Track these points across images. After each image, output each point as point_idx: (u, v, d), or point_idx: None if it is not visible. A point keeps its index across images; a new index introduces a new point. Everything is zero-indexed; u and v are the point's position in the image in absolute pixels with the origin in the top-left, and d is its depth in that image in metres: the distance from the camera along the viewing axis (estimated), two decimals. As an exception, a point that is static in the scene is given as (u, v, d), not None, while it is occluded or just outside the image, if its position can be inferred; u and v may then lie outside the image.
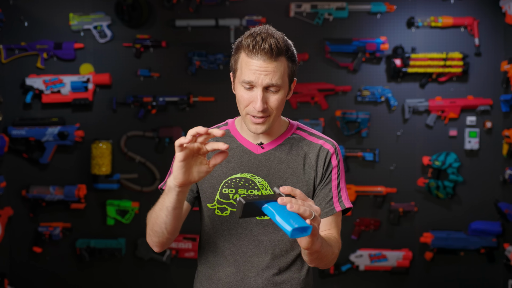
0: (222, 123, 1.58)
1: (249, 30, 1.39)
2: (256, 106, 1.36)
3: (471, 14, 3.48)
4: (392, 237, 3.60)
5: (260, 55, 1.33)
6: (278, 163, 1.47)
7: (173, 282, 3.65)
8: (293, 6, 3.52)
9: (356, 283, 3.63)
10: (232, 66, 1.43)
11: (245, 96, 1.39)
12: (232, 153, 1.49)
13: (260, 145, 1.49)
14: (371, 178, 3.58)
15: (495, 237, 3.47)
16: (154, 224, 1.38)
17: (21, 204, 3.63)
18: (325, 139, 1.52)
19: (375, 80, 3.55)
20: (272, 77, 1.35)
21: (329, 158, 1.49)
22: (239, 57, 1.39)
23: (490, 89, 3.51)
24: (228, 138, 1.52)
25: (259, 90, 1.36)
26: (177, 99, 3.56)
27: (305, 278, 1.52)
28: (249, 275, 1.47)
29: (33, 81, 3.54)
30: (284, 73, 1.38)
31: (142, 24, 3.58)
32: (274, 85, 1.36)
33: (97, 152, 3.53)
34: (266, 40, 1.33)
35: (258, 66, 1.34)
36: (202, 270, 1.54)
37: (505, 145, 3.43)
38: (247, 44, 1.35)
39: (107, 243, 3.61)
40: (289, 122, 1.55)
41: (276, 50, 1.33)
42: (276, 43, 1.34)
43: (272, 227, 1.46)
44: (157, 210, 1.35)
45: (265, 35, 1.34)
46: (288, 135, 1.51)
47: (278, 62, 1.35)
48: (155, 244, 1.43)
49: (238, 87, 1.41)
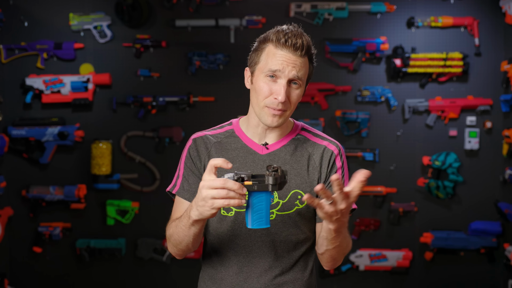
0: (226, 123, 1.57)
1: (275, 27, 1.42)
2: (280, 97, 1.37)
3: (471, 14, 3.48)
4: (392, 237, 3.60)
5: (290, 48, 1.37)
6: (282, 164, 1.47)
7: (173, 282, 3.65)
8: (293, 6, 3.52)
9: (356, 283, 3.63)
10: (253, 60, 1.44)
11: (266, 88, 1.40)
12: (237, 154, 1.49)
13: (265, 146, 1.49)
14: (371, 178, 3.52)
15: (495, 237, 3.47)
16: (178, 244, 1.42)
17: (21, 204, 3.63)
18: (329, 140, 1.52)
19: (375, 80, 3.55)
20: (299, 71, 1.38)
21: (333, 160, 1.49)
22: (264, 48, 1.41)
23: (490, 89, 3.51)
24: (232, 138, 1.52)
25: (283, 81, 1.38)
26: (177, 99, 3.56)
27: (308, 278, 1.51)
28: (252, 276, 1.46)
29: (33, 81, 3.54)
30: (306, 71, 1.42)
31: (142, 24, 3.58)
32: (298, 79, 1.39)
33: (97, 152, 3.53)
34: (298, 37, 1.37)
35: (287, 58, 1.37)
36: (206, 270, 1.55)
37: (505, 145, 3.43)
38: (277, 37, 1.38)
39: (107, 243, 3.61)
40: (294, 122, 1.56)
41: (306, 48, 1.38)
42: (307, 41, 1.39)
43: (275, 227, 1.45)
44: (181, 234, 1.37)
45: (296, 32, 1.39)
46: (293, 135, 1.51)
47: (304, 59, 1.39)
48: (179, 256, 1.49)
49: (260, 78, 1.41)
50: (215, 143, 1.51)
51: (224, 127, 1.55)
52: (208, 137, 1.52)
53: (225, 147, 1.50)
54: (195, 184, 1.48)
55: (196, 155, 1.50)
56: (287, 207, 1.45)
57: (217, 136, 1.53)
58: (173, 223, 1.44)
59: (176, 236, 1.40)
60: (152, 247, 3.59)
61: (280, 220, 1.45)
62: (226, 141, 1.51)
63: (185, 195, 1.48)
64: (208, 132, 1.55)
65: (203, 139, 1.52)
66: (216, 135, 1.53)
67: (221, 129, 1.55)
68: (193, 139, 1.53)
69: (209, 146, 1.50)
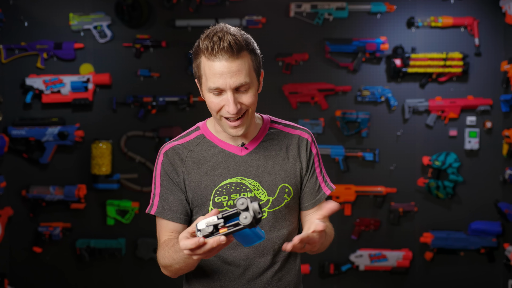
0: (193, 128, 1.52)
1: (204, 32, 1.34)
2: (230, 109, 1.32)
3: (471, 14, 3.48)
4: (392, 237, 3.60)
5: (221, 56, 1.28)
6: (264, 160, 1.46)
7: (173, 282, 3.64)
8: (293, 6, 3.52)
9: (356, 283, 3.63)
10: (196, 73, 1.38)
11: (215, 101, 1.35)
12: (216, 160, 1.44)
13: (243, 146, 1.46)
14: (371, 178, 3.58)
15: (495, 237, 3.47)
16: (173, 271, 1.38)
17: (21, 204, 3.63)
18: (300, 128, 1.53)
19: (375, 80, 3.55)
20: (239, 77, 1.31)
21: (309, 147, 1.51)
22: (200, 62, 1.34)
23: (490, 89, 3.51)
24: (205, 144, 1.47)
25: (229, 93, 1.32)
26: (177, 99, 3.56)
27: (299, 266, 1.55)
28: (254, 277, 1.46)
29: (33, 81, 3.54)
30: (249, 68, 1.33)
31: (142, 24, 3.58)
32: (243, 84, 1.32)
33: (97, 152, 3.53)
34: (224, 39, 1.28)
35: (222, 68, 1.29)
36: (200, 281, 1.50)
37: (505, 145, 3.43)
38: (205, 47, 1.30)
39: (107, 243, 3.61)
40: (262, 117, 1.53)
41: (236, 47, 1.29)
42: (234, 39, 1.29)
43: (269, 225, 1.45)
44: (182, 264, 1.32)
45: (221, 34, 1.29)
46: (266, 131, 1.50)
47: (240, 59, 1.30)
48: (174, 276, 1.44)
49: (206, 93, 1.36)
50: (190, 152, 1.45)
51: (192, 133, 1.50)
52: (179, 148, 1.45)
53: (202, 155, 1.45)
54: (175, 202, 1.43)
55: (171, 169, 1.44)
56: (277, 202, 1.45)
57: (188, 145, 1.46)
58: (166, 253, 1.36)
59: (177, 266, 1.34)
60: (152, 247, 3.59)
61: (273, 217, 1.45)
62: (200, 149, 1.46)
63: (167, 215, 1.43)
64: (177, 142, 1.48)
65: (175, 150, 1.45)
66: (186, 144, 1.47)
67: (190, 136, 1.49)
68: (164, 153, 1.46)
69: (184, 157, 1.44)
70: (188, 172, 1.43)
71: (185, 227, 1.44)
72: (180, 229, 1.43)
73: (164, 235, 1.44)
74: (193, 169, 1.43)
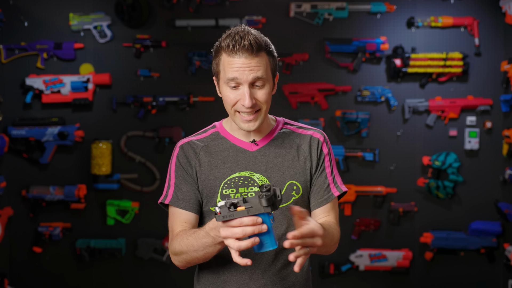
0: (209, 127, 1.58)
1: (226, 32, 1.42)
2: (245, 103, 1.38)
3: (471, 14, 3.48)
4: (392, 237, 3.60)
5: (241, 53, 1.36)
6: (274, 157, 1.49)
7: (173, 282, 3.65)
8: (293, 6, 3.52)
9: (356, 283, 3.63)
10: (215, 70, 1.45)
11: (231, 96, 1.41)
12: (227, 154, 1.49)
13: (254, 142, 1.50)
14: (371, 178, 3.58)
15: (495, 237, 3.47)
16: (187, 260, 1.40)
17: (21, 204, 3.63)
18: (313, 129, 1.56)
19: (375, 80, 3.56)
20: (257, 71, 1.38)
21: (320, 147, 1.53)
22: (220, 59, 1.42)
23: (490, 89, 3.51)
24: (219, 140, 1.52)
25: (245, 86, 1.39)
26: (177, 99, 3.56)
27: (307, 266, 1.54)
28: (257, 272, 1.46)
29: (33, 81, 3.54)
30: (267, 67, 1.41)
31: (142, 24, 3.58)
32: (260, 78, 1.39)
33: (97, 152, 3.53)
34: (245, 38, 1.37)
35: (241, 64, 1.37)
36: (205, 276, 1.52)
37: (505, 145, 3.43)
38: (226, 44, 1.38)
39: (107, 243, 3.61)
40: (275, 118, 1.58)
41: (256, 46, 1.37)
42: (255, 39, 1.37)
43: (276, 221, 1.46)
44: (192, 252, 1.36)
45: (242, 33, 1.38)
46: (278, 130, 1.54)
47: (259, 57, 1.38)
48: (184, 267, 1.46)
49: (224, 87, 1.43)
50: (203, 147, 1.51)
51: (209, 131, 1.56)
52: (194, 142, 1.52)
53: (214, 150, 1.50)
54: (189, 192, 1.48)
55: (186, 161, 1.50)
56: (285, 199, 1.47)
57: (203, 141, 1.53)
58: (184, 240, 1.39)
59: (195, 254, 1.37)
60: (152, 247, 3.60)
61: (280, 213, 1.46)
62: (214, 144, 1.51)
63: (180, 204, 1.48)
64: (193, 137, 1.55)
65: (190, 145, 1.52)
66: (202, 140, 1.53)
67: (206, 133, 1.56)
68: (179, 146, 1.53)
69: (197, 150, 1.50)
70: (200, 164, 1.49)
71: (197, 217, 1.49)
72: (193, 219, 1.48)
73: (177, 225, 1.47)
74: (205, 162, 1.49)
